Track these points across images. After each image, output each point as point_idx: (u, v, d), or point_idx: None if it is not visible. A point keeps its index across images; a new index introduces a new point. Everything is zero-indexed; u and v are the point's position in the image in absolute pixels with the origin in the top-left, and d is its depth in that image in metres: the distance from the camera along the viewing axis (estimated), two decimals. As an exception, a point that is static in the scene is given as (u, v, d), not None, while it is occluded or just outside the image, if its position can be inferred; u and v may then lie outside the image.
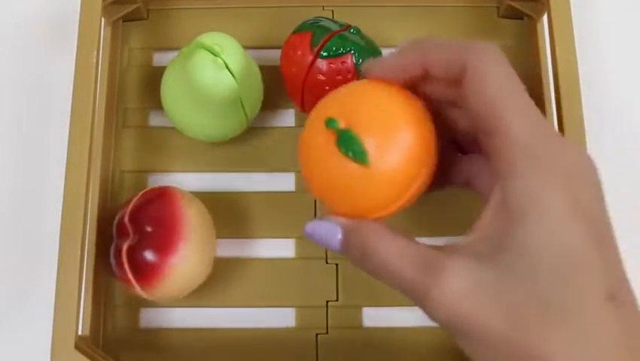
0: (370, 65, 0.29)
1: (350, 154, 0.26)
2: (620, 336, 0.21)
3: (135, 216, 0.34)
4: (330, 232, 0.27)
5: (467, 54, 0.25)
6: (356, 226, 0.27)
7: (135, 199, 0.35)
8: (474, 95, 0.25)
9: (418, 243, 0.25)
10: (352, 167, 0.26)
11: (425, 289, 0.23)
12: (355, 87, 0.29)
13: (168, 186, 0.36)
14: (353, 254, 0.27)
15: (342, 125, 0.26)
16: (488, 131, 0.25)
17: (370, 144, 0.26)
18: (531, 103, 0.25)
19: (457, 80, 0.26)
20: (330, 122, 0.26)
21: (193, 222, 0.34)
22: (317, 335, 0.37)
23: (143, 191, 0.35)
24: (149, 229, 0.33)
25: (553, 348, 0.21)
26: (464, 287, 0.23)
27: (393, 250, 0.25)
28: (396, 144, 0.26)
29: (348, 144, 0.26)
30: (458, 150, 0.30)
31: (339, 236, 0.27)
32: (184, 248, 0.33)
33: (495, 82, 0.24)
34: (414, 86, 0.28)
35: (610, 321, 0.21)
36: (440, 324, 0.24)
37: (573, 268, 0.22)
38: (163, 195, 0.35)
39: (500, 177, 0.24)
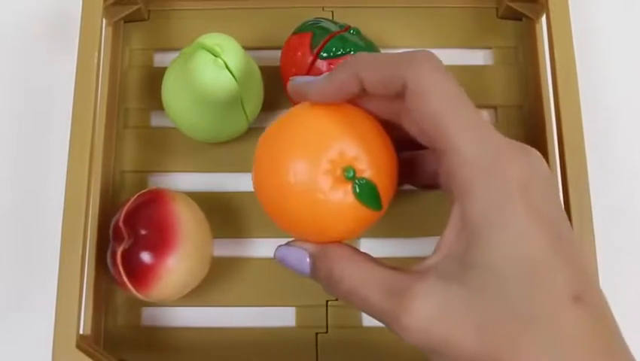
0: (302, 87, 0.28)
1: (367, 203, 0.26)
2: (589, 335, 0.22)
3: (129, 220, 0.34)
4: (298, 259, 0.28)
5: (406, 69, 0.25)
6: (322, 252, 0.27)
7: (129, 202, 0.35)
8: (418, 113, 0.25)
9: (383, 267, 0.25)
10: (340, 206, 0.26)
11: (394, 314, 0.23)
12: (326, 114, 0.27)
13: (162, 189, 0.36)
14: (321, 281, 0.27)
15: (356, 173, 0.26)
16: (437, 150, 0.25)
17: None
18: (476, 114, 0.24)
19: (398, 96, 0.25)
20: (348, 173, 0.26)
21: (187, 223, 0.34)
22: (317, 334, 0.38)
23: (138, 193, 0.35)
24: (143, 231, 0.34)
25: (525, 356, 0.21)
26: (432, 310, 0.23)
27: (358, 277, 0.25)
28: (390, 178, 0.27)
29: (368, 194, 0.26)
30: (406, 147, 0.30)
31: (308, 262, 0.27)
32: (179, 250, 0.33)
33: (437, 97, 0.24)
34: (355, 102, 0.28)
35: (578, 322, 0.22)
36: (413, 346, 0.24)
37: (537, 276, 0.22)
38: (156, 198, 0.35)
39: (456, 197, 0.24)
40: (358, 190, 0.26)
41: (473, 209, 0.23)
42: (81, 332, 0.34)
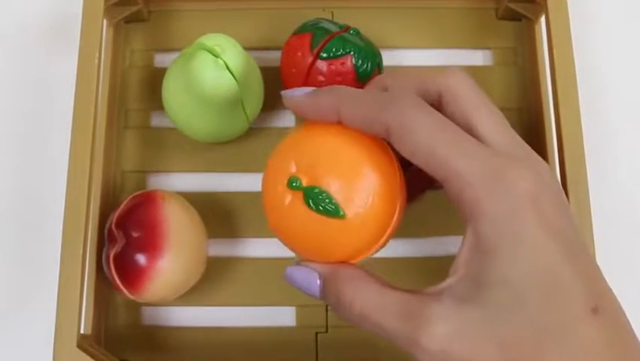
0: (286, 94, 0.28)
1: (322, 210, 0.25)
2: (608, 347, 0.22)
3: (121, 222, 0.34)
4: (308, 280, 0.27)
5: (387, 114, 0.25)
6: (332, 274, 0.26)
7: (122, 205, 0.35)
8: (410, 153, 0.24)
9: (395, 290, 0.25)
10: (326, 221, 0.25)
11: (413, 337, 0.23)
12: (306, 133, 0.28)
13: (153, 190, 0.36)
14: (331, 304, 0.26)
15: (305, 181, 0.26)
16: (438, 178, 0.24)
17: (339, 195, 0.25)
18: (468, 138, 0.24)
19: (379, 135, 0.25)
20: (292, 182, 0.26)
21: (177, 224, 0.34)
22: (317, 333, 0.38)
23: (131, 196, 0.36)
24: (135, 234, 0.34)
25: None
26: (450, 331, 0.22)
27: (370, 300, 0.25)
28: (365, 187, 0.25)
29: (317, 201, 0.25)
30: None
31: (318, 284, 0.27)
32: (170, 251, 0.33)
33: (426, 137, 0.24)
34: None
35: (598, 334, 0.22)
36: None
37: (554, 290, 0.22)
38: (147, 200, 0.35)
39: (467, 219, 0.24)
40: (305, 198, 0.25)
41: (485, 229, 0.23)
42: (82, 331, 0.34)
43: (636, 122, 0.42)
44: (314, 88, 0.28)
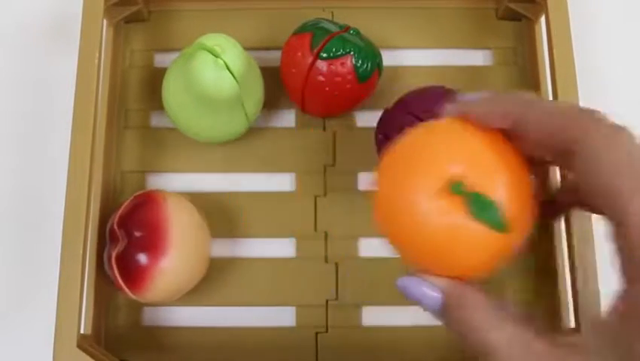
0: (451, 107, 0.26)
1: (486, 220, 0.23)
2: None
3: (124, 222, 0.34)
4: (428, 295, 0.25)
5: (576, 127, 0.23)
6: (458, 299, 0.24)
7: (124, 205, 0.35)
8: (589, 179, 0.22)
9: (526, 328, 0.23)
10: (474, 232, 0.23)
11: None
12: (447, 134, 0.25)
13: (155, 190, 0.36)
14: (453, 328, 0.25)
15: (466, 187, 0.23)
16: (608, 217, 0.22)
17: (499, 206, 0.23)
18: None
19: (558, 150, 0.23)
20: (456, 186, 0.23)
21: (181, 224, 0.34)
22: (317, 333, 0.38)
23: (133, 195, 0.36)
24: (137, 233, 0.34)
25: None
26: None
27: (503, 340, 0.23)
28: (523, 205, 0.24)
29: (483, 208, 0.23)
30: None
31: (440, 303, 0.25)
32: (172, 251, 0.34)
33: (613, 165, 0.22)
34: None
35: None
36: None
37: None
38: (150, 200, 0.35)
39: (627, 279, 0.21)
40: (469, 203, 0.23)
41: None
42: (82, 331, 0.34)
43: (636, 122, 0.42)
44: (486, 92, 0.26)
